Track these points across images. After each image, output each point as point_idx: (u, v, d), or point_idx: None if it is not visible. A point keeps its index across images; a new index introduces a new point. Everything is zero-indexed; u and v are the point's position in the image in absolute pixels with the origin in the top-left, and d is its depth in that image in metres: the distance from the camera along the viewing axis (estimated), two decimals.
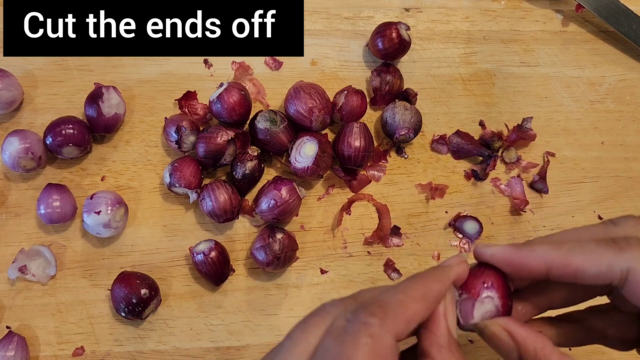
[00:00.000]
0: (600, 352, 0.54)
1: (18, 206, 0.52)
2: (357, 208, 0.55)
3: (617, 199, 0.58)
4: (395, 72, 0.56)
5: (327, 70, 0.57)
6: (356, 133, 0.52)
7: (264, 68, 0.57)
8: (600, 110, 0.60)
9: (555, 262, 0.31)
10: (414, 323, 0.29)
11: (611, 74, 0.60)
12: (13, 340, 0.48)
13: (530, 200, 0.56)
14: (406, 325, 0.28)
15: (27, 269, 0.50)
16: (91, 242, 0.52)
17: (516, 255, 0.32)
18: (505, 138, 0.57)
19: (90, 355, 0.50)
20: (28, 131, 0.51)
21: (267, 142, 0.52)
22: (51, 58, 0.54)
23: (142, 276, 0.49)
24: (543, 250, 0.31)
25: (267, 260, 0.49)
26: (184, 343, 0.51)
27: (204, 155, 0.50)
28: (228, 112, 0.51)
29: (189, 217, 0.53)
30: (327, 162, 0.52)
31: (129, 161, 0.54)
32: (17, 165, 0.50)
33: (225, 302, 0.52)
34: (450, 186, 0.56)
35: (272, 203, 0.50)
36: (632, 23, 0.59)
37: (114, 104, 0.51)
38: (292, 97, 0.52)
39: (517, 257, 0.32)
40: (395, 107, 0.54)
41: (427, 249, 0.55)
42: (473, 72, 0.59)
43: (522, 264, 0.32)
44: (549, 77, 0.60)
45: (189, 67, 0.56)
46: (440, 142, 0.57)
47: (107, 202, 0.49)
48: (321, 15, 0.58)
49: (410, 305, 0.29)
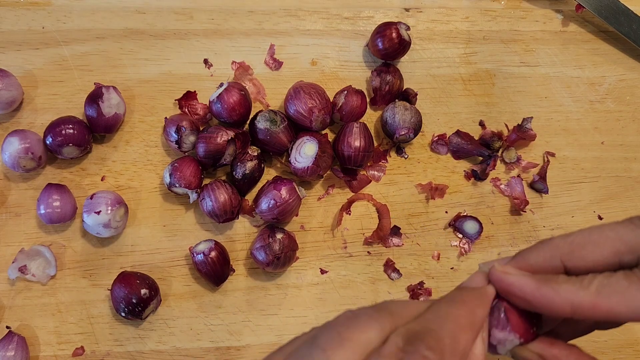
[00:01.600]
0: (601, 352, 0.54)
1: (18, 206, 0.52)
2: (357, 208, 0.55)
3: (617, 199, 0.58)
4: (395, 72, 0.56)
5: (327, 70, 0.57)
6: (356, 133, 0.52)
7: (264, 68, 0.57)
8: (600, 110, 0.60)
9: (583, 305, 0.28)
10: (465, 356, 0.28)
11: (611, 74, 0.60)
12: (13, 340, 0.48)
13: (530, 200, 0.56)
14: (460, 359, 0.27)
15: (27, 269, 0.50)
16: (91, 242, 0.52)
17: (538, 293, 0.29)
18: (505, 138, 0.57)
19: (90, 355, 0.50)
20: (28, 131, 0.51)
21: (267, 142, 0.52)
22: (51, 58, 0.54)
23: (142, 276, 0.49)
24: (569, 290, 0.29)
25: (267, 260, 0.49)
26: (184, 343, 0.51)
27: (204, 155, 0.50)
28: (228, 112, 0.51)
29: (189, 217, 0.53)
30: (327, 162, 0.52)
31: (129, 161, 0.54)
32: (17, 165, 0.50)
33: (225, 302, 0.52)
34: (450, 186, 0.56)
35: (272, 203, 0.50)
36: (632, 23, 0.59)
37: (114, 104, 0.51)
38: (292, 97, 0.52)
39: (540, 296, 0.29)
40: (395, 107, 0.54)
41: (427, 249, 0.55)
42: (473, 72, 0.59)
43: (545, 304, 0.29)
44: (549, 77, 0.60)
45: (189, 67, 0.56)
46: (440, 142, 0.57)
47: (107, 202, 0.49)
48: (321, 15, 0.58)
49: (461, 337, 0.27)
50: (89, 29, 0.55)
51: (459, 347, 0.27)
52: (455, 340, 0.27)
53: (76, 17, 0.55)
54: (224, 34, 0.57)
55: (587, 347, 0.35)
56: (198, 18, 0.57)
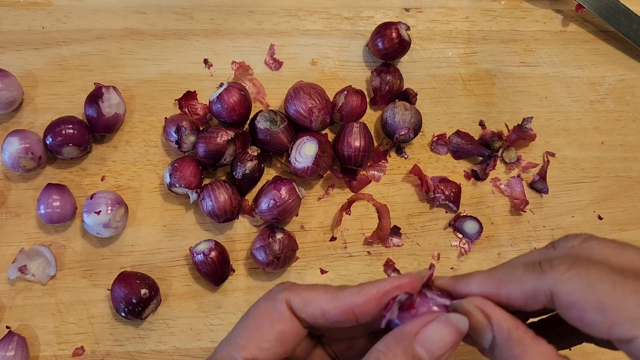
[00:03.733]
0: (601, 352, 0.54)
1: (18, 206, 0.52)
2: (357, 208, 0.55)
3: (617, 199, 0.58)
4: (395, 72, 0.56)
5: (327, 70, 0.57)
6: (356, 133, 0.52)
7: (264, 68, 0.57)
8: (600, 110, 0.60)
9: (490, 292, 0.31)
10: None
11: (611, 74, 0.60)
12: (13, 340, 0.48)
13: (530, 200, 0.56)
14: None
15: (27, 269, 0.50)
16: (91, 242, 0.52)
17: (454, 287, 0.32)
18: (505, 138, 0.57)
19: (90, 355, 0.50)
20: (28, 131, 0.51)
21: (267, 142, 0.52)
22: (51, 58, 0.54)
23: (142, 276, 0.49)
24: (478, 281, 0.32)
25: (267, 260, 0.49)
26: (184, 343, 0.51)
27: (204, 155, 0.50)
28: (228, 112, 0.51)
29: (189, 217, 0.53)
30: (327, 162, 0.52)
31: (129, 161, 0.54)
32: (17, 165, 0.50)
33: (225, 302, 0.52)
34: None
35: (271, 203, 0.50)
36: (632, 23, 0.59)
37: (114, 104, 0.51)
38: (292, 97, 0.52)
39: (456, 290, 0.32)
40: (395, 107, 0.54)
41: (427, 249, 0.55)
42: (473, 72, 0.59)
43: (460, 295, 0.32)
44: (549, 77, 0.60)
45: (189, 67, 0.56)
46: (440, 142, 0.57)
47: (107, 202, 0.49)
48: (321, 15, 0.58)
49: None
50: (89, 29, 0.55)
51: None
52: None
53: (76, 17, 0.55)
54: (224, 34, 0.57)
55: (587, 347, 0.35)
56: (198, 18, 0.57)
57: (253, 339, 0.32)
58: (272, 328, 0.32)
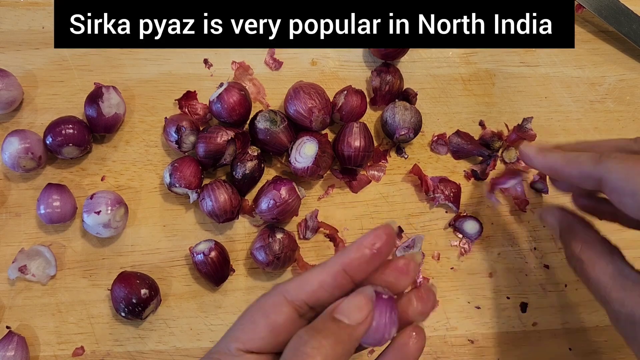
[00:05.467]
0: (600, 352, 0.54)
1: (18, 206, 0.52)
2: (357, 208, 0.55)
3: None
4: (395, 72, 0.56)
5: (327, 70, 0.57)
6: (356, 133, 0.52)
7: (264, 68, 0.57)
8: (600, 110, 0.60)
9: (558, 167, 0.40)
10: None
11: (611, 74, 0.60)
12: (13, 340, 0.48)
13: (530, 200, 0.56)
14: None
15: (27, 269, 0.50)
16: (91, 242, 0.52)
17: (536, 156, 0.42)
18: (505, 138, 0.57)
19: (90, 355, 0.50)
20: (28, 131, 0.51)
21: (267, 142, 0.52)
22: (51, 58, 0.54)
23: (142, 276, 0.49)
24: (554, 157, 0.40)
25: (267, 260, 0.49)
26: (184, 343, 0.51)
27: (204, 155, 0.50)
28: (228, 112, 0.51)
29: (189, 217, 0.53)
30: (327, 162, 0.52)
31: (129, 161, 0.54)
32: (17, 165, 0.50)
33: (225, 302, 0.52)
34: None
35: (271, 203, 0.50)
36: (632, 23, 0.59)
37: (114, 104, 0.51)
38: (292, 97, 0.52)
39: (537, 158, 0.42)
40: (395, 107, 0.54)
41: (427, 249, 0.55)
42: (473, 72, 0.59)
43: (538, 165, 0.42)
44: (549, 77, 0.60)
45: (189, 67, 0.56)
46: (440, 142, 0.57)
47: (107, 202, 0.49)
48: None
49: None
50: None
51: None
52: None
53: None
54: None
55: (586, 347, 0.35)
56: None
57: (246, 330, 0.34)
58: (266, 319, 0.34)
